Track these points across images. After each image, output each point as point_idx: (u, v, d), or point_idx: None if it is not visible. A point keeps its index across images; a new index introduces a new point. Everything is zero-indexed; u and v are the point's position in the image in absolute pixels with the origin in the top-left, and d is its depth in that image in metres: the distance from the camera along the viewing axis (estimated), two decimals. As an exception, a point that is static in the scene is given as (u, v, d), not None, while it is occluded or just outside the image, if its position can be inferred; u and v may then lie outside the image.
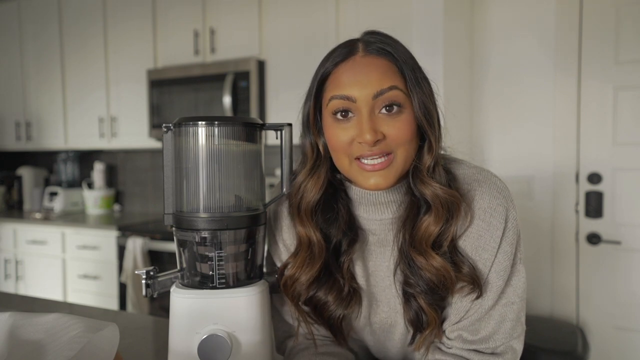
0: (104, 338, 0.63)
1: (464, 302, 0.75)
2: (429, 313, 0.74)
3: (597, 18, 2.13)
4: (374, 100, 0.70)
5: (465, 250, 0.74)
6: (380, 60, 0.72)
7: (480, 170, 0.78)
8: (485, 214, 0.73)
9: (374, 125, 0.69)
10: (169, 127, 0.78)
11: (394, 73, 0.71)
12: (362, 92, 0.70)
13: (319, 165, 0.77)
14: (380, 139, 0.69)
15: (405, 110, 0.71)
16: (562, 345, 1.90)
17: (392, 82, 0.70)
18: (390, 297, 0.80)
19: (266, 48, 2.59)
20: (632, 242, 2.11)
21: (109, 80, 3.10)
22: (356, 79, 0.71)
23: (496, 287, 0.74)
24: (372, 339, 0.86)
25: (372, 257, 0.80)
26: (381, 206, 0.78)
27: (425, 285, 0.73)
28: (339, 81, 0.72)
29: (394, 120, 0.70)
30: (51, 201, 3.40)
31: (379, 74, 0.70)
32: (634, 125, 2.09)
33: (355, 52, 0.73)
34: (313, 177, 0.77)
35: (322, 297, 0.78)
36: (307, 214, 0.77)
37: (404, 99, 0.71)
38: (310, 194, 0.76)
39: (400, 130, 0.70)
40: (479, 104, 2.40)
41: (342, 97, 0.71)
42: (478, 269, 0.73)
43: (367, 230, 0.80)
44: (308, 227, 0.76)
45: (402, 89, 0.71)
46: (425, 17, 2.03)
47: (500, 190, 0.75)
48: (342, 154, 0.73)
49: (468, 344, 0.76)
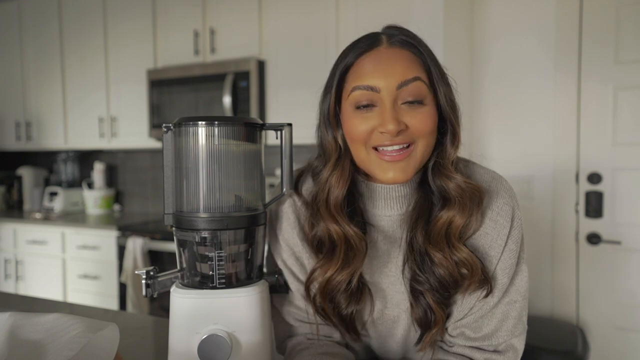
0: (104, 338, 0.63)
1: (470, 300, 0.75)
2: (436, 311, 0.74)
3: (597, 18, 2.13)
4: (398, 90, 0.70)
5: (473, 247, 0.75)
6: (404, 52, 0.72)
7: (491, 172, 0.79)
8: (493, 212, 0.74)
9: (397, 115, 0.69)
10: (169, 127, 0.78)
11: (419, 65, 0.72)
12: (386, 82, 0.70)
13: (341, 159, 0.77)
14: (403, 129, 0.70)
15: (427, 103, 0.71)
16: (562, 345, 1.90)
17: (416, 73, 0.71)
18: (394, 293, 0.80)
19: (266, 48, 2.59)
20: (632, 242, 2.11)
21: (109, 80, 3.10)
22: (380, 67, 0.71)
23: (501, 285, 0.74)
24: (375, 333, 0.86)
25: (379, 253, 0.81)
26: (391, 201, 0.78)
27: (436, 282, 0.73)
28: (363, 71, 0.72)
29: (415, 111, 0.71)
30: (51, 201, 3.40)
31: (404, 65, 0.71)
32: (634, 125, 2.09)
33: (380, 44, 0.73)
34: (337, 171, 0.76)
35: (335, 295, 0.78)
36: (337, 209, 0.75)
37: (426, 92, 0.71)
38: (337, 189, 0.75)
39: (422, 121, 0.70)
40: (479, 104, 2.40)
41: (366, 87, 0.71)
42: (485, 266, 0.74)
43: (375, 227, 0.80)
44: (342, 223, 0.75)
45: (425, 82, 0.71)
46: (425, 17, 2.03)
47: (507, 190, 0.77)
48: (360, 144, 0.73)
49: (470, 341, 0.76)
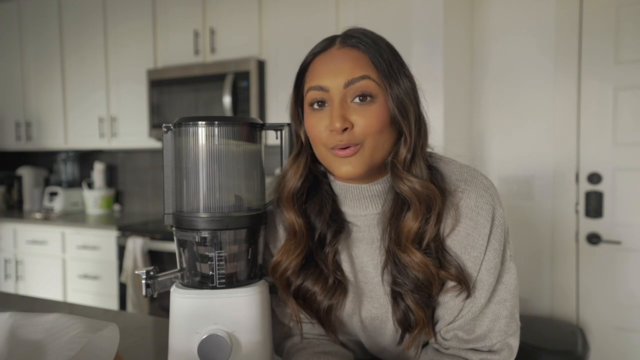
0: (104, 338, 0.63)
1: (456, 302, 0.75)
2: (416, 313, 0.74)
3: (597, 18, 2.13)
4: (346, 89, 0.71)
5: (454, 249, 0.74)
6: (354, 52, 0.73)
7: (467, 168, 0.78)
8: (472, 212, 0.73)
9: (344, 113, 0.70)
10: (169, 127, 0.78)
11: (368, 64, 0.72)
12: (334, 81, 0.71)
13: (300, 155, 0.79)
14: (349, 127, 0.70)
15: (377, 101, 0.72)
16: (562, 345, 1.90)
17: (364, 71, 0.71)
18: (380, 295, 0.81)
19: (266, 48, 2.59)
20: (632, 242, 2.11)
21: (109, 80, 3.10)
22: (329, 69, 0.72)
23: (488, 285, 0.74)
24: (365, 335, 0.86)
25: (360, 252, 0.81)
26: (365, 200, 0.78)
27: (411, 284, 0.73)
28: (315, 72, 0.74)
29: (364, 110, 0.71)
30: (51, 201, 3.40)
31: (351, 64, 0.72)
32: (634, 125, 2.09)
33: (332, 45, 0.75)
34: (295, 164, 0.79)
35: (310, 288, 0.79)
36: (288, 200, 0.78)
37: (376, 90, 0.72)
38: (291, 182, 0.78)
39: (368, 120, 0.71)
40: (479, 104, 2.40)
41: (317, 88, 0.73)
42: (468, 267, 0.74)
43: (352, 224, 0.81)
44: (290, 213, 0.78)
45: (375, 80, 0.72)
46: (425, 17, 2.03)
47: (486, 189, 0.75)
48: (320, 144, 0.74)
49: (464, 343, 0.76)
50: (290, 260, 0.78)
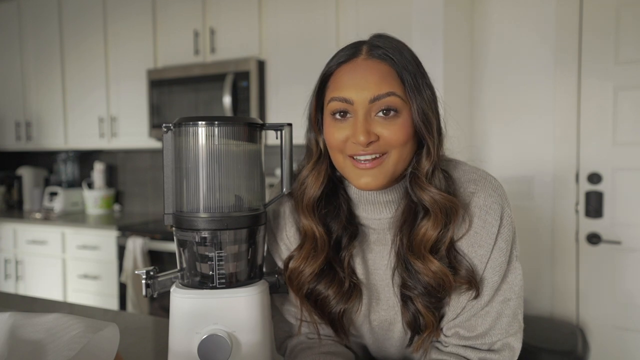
0: (104, 338, 0.63)
1: (461, 300, 0.75)
2: (426, 316, 0.75)
3: (597, 18, 2.13)
4: (371, 104, 0.71)
5: (462, 247, 0.75)
6: (381, 65, 0.73)
7: (476, 170, 0.79)
8: (481, 211, 0.74)
9: (369, 127, 0.71)
10: (169, 127, 0.78)
11: (394, 79, 0.72)
12: (359, 95, 0.71)
13: (320, 162, 0.79)
14: (374, 140, 0.71)
15: (402, 115, 0.72)
16: (562, 345, 1.90)
17: (390, 87, 0.71)
18: (389, 296, 0.81)
19: (266, 48, 2.59)
20: (632, 242, 2.11)
21: (109, 80, 3.10)
22: (355, 82, 0.72)
23: (492, 283, 0.74)
24: (372, 337, 0.86)
25: (372, 254, 0.81)
26: (379, 205, 0.79)
27: (423, 289, 0.74)
28: (339, 82, 0.74)
29: (389, 123, 0.71)
30: (51, 201, 3.40)
31: (378, 79, 0.71)
32: (634, 125, 2.09)
33: (358, 55, 0.74)
34: (315, 172, 0.79)
35: (323, 291, 0.79)
36: (308, 208, 0.78)
37: (401, 105, 0.72)
38: (312, 189, 0.78)
39: (394, 133, 0.71)
40: (479, 104, 2.40)
41: (341, 99, 0.72)
42: (474, 265, 0.74)
43: (367, 227, 0.81)
44: (310, 221, 0.78)
45: (401, 95, 0.72)
46: (425, 16, 2.03)
47: (495, 189, 0.76)
48: (337, 151, 0.75)
49: (464, 340, 0.76)
50: (311, 267, 0.78)
